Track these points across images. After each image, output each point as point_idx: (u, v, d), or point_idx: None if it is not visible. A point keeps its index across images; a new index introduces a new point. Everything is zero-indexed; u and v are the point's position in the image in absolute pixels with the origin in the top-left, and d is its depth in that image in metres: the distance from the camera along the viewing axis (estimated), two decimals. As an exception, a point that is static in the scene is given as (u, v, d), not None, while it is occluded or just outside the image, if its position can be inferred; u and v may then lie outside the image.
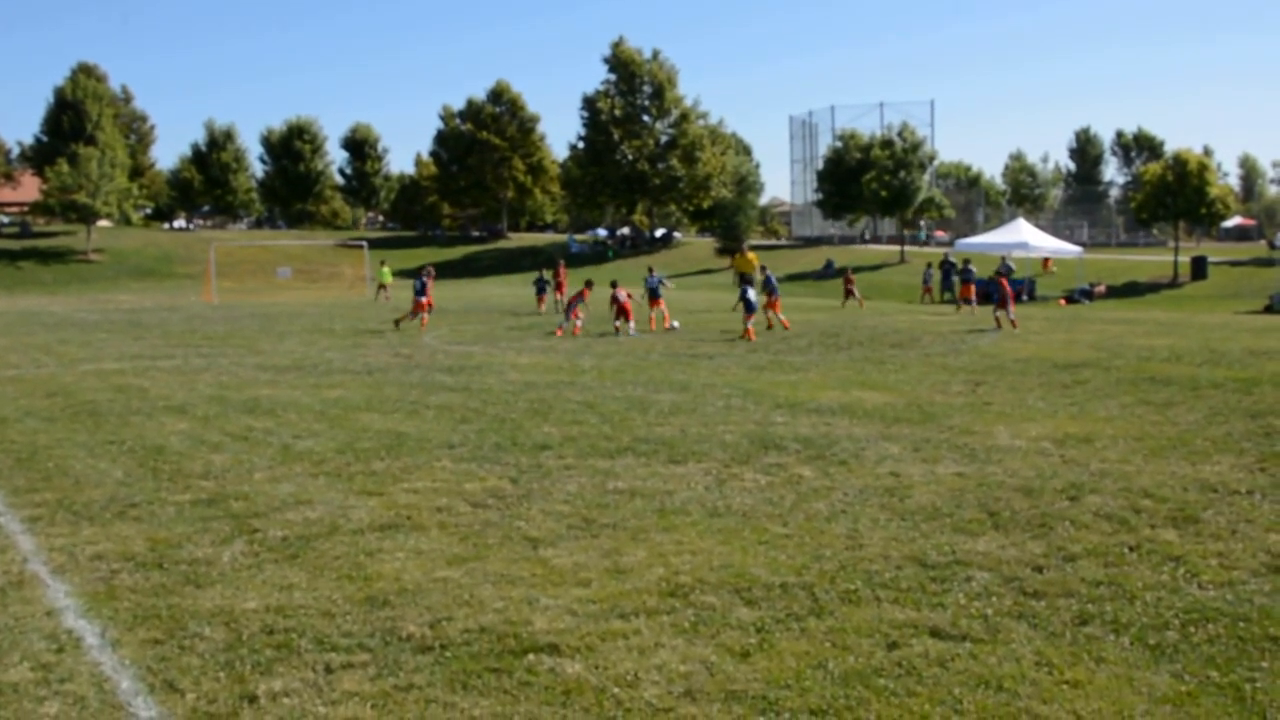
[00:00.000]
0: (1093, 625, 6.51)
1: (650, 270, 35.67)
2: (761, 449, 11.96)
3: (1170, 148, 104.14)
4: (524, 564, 7.84)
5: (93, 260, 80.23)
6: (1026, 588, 7.17)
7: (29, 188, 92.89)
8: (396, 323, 31.99)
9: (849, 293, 41.66)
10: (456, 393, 17.04)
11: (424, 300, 32.33)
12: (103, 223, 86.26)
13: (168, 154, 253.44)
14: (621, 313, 29.26)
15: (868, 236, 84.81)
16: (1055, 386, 16.96)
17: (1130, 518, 8.86)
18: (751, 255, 40.33)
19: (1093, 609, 6.77)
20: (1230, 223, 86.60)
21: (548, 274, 40.57)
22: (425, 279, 33.40)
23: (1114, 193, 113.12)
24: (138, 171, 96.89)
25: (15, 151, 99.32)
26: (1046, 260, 53.84)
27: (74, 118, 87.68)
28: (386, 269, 52.98)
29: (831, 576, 7.45)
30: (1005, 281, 30.44)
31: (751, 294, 28.22)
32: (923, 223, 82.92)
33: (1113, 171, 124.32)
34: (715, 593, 7.16)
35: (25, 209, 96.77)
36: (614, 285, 30.71)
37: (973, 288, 37.65)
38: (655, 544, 8.28)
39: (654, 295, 31.84)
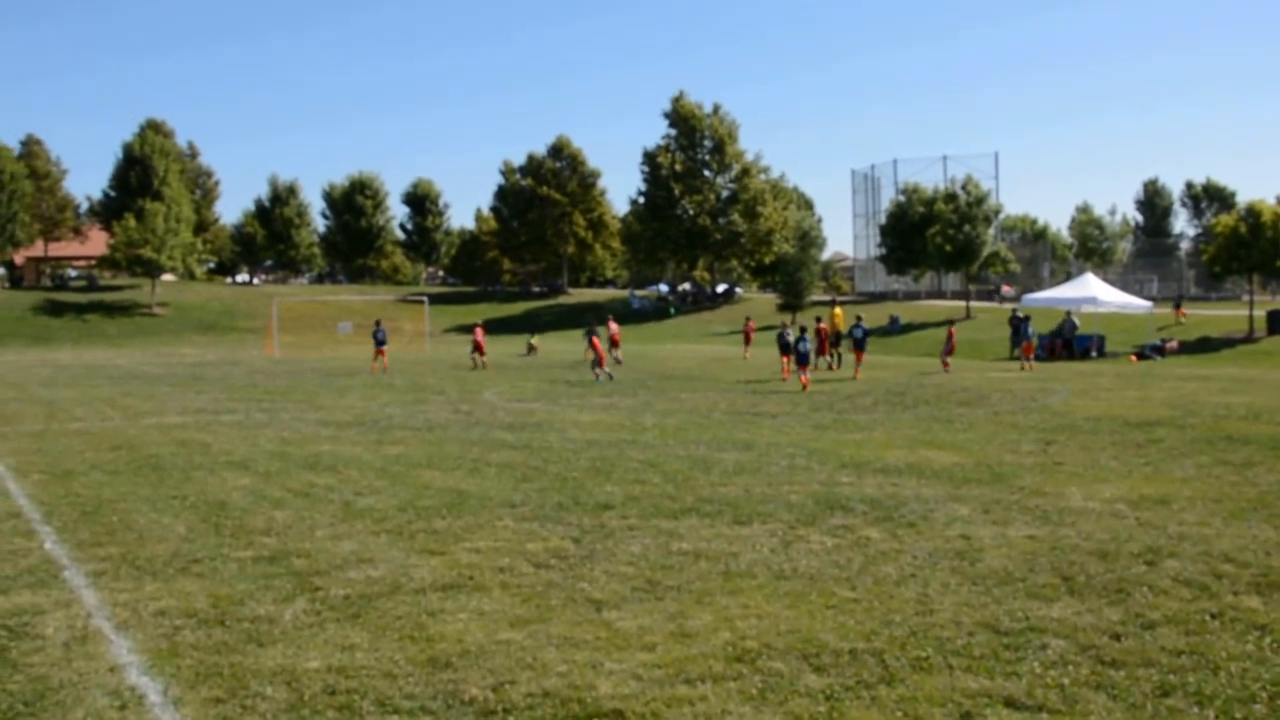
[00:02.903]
0: (1175, 697, 6.28)
1: (784, 326, 36.33)
2: (828, 510, 11.78)
3: (1242, 198, 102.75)
4: (588, 626, 7.72)
5: (157, 314, 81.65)
6: (1104, 656, 6.94)
7: (97, 242, 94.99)
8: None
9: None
10: (518, 450, 17.01)
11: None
12: (167, 277, 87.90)
13: (232, 208, 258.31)
14: (598, 358, 33.05)
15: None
16: (1129, 446, 16.64)
17: (1211, 583, 8.59)
18: (838, 311, 41.25)
19: (1174, 680, 6.53)
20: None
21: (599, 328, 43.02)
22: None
23: (1184, 245, 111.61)
24: (202, 226, 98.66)
25: (85, 206, 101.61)
26: (1179, 308, 52.86)
27: (141, 173, 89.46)
28: (535, 338, 56.89)
29: (902, 643, 7.27)
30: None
31: (805, 345, 29.41)
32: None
33: (1182, 223, 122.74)
34: (783, 658, 7.00)
35: (93, 263, 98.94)
36: (607, 321, 34.37)
37: (1032, 345, 37.88)
38: (721, 607, 8.13)
39: (787, 348, 32.38)
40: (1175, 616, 7.75)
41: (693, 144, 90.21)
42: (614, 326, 42.85)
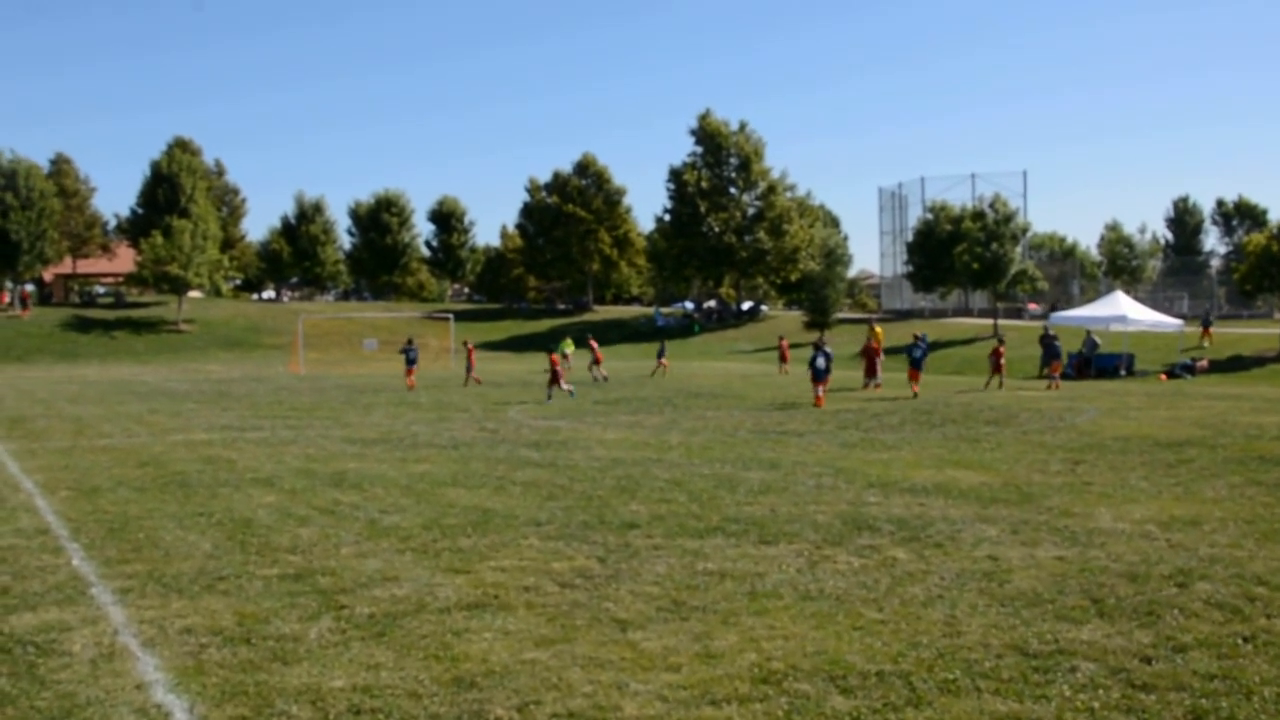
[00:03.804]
0: (1207, 722, 6.20)
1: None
2: (854, 530, 11.72)
3: (1274, 216, 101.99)
4: (613, 647, 7.68)
5: (183, 330, 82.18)
6: (1135, 680, 6.86)
7: (125, 259, 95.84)
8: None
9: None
10: (543, 469, 17.00)
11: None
12: (194, 293, 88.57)
13: (258, 225, 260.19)
14: (554, 376, 31.51)
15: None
16: (1159, 466, 16.50)
17: (1244, 606, 8.49)
18: (878, 330, 41.34)
19: (1206, 704, 6.44)
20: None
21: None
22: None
23: (1215, 263, 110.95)
24: (228, 243, 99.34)
25: (112, 224, 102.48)
26: (1206, 330, 52.10)
27: (169, 191, 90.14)
28: (569, 341, 56.39)
29: (929, 665, 7.20)
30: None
31: (821, 361, 29.42)
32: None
33: (1213, 241, 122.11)
34: (809, 680, 6.94)
35: (121, 280, 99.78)
36: (550, 351, 33.81)
37: (1059, 364, 37.68)
38: (747, 628, 8.08)
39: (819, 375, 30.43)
40: (1207, 640, 7.66)
41: (719, 161, 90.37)
42: (594, 344, 45.05)
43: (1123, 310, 46.70)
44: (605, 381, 41.66)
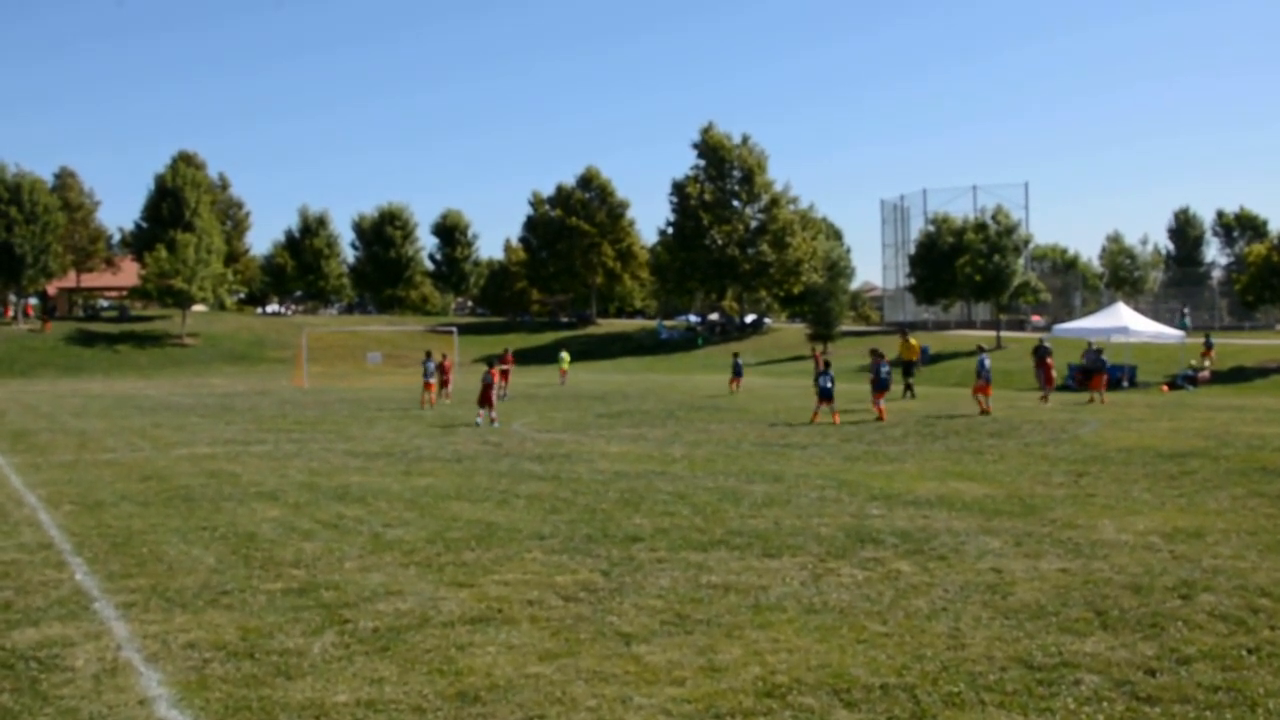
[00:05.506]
0: (1212, 734, 6.18)
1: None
2: (858, 543, 11.70)
3: (1274, 227, 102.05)
4: (617, 661, 7.68)
5: (187, 344, 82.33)
6: (1139, 692, 6.85)
7: (129, 273, 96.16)
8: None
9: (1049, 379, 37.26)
10: (546, 482, 17.00)
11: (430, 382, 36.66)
12: (198, 307, 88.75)
13: (262, 239, 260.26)
14: (485, 399, 29.63)
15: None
16: (1161, 477, 16.48)
17: (1248, 618, 8.47)
18: (914, 342, 40.98)
19: (1211, 716, 6.44)
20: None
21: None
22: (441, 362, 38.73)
23: (1216, 274, 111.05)
24: (233, 257, 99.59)
25: (117, 237, 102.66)
26: (1208, 350, 51.72)
27: (173, 205, 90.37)
28: (566, 355, 57.85)
29: (933, 678, 7.19)
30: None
31: (829, 382, 28.59)
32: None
33: (1214, 252, 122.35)
34: (813, 694, 6.93)
35: (125, 293, 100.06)
36: (490, 364, 31.96)
37: (1104, 378, 37.05)
38: (750, 641, 8.07)
39: (883, 385, 29.84)
40: (1211, 651, 7.64)
41: (721, 174, 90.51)
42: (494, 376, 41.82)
43: (1124, 322, 46.59)
44: (505, 397, 40.91)
